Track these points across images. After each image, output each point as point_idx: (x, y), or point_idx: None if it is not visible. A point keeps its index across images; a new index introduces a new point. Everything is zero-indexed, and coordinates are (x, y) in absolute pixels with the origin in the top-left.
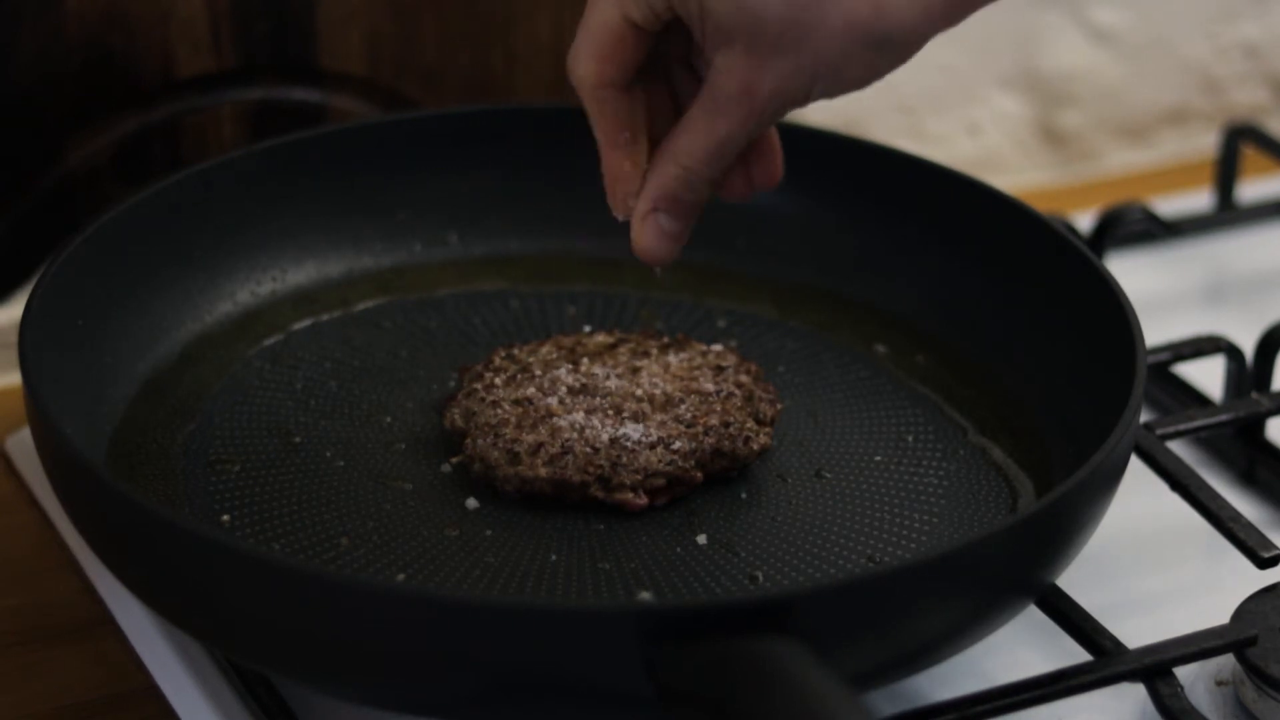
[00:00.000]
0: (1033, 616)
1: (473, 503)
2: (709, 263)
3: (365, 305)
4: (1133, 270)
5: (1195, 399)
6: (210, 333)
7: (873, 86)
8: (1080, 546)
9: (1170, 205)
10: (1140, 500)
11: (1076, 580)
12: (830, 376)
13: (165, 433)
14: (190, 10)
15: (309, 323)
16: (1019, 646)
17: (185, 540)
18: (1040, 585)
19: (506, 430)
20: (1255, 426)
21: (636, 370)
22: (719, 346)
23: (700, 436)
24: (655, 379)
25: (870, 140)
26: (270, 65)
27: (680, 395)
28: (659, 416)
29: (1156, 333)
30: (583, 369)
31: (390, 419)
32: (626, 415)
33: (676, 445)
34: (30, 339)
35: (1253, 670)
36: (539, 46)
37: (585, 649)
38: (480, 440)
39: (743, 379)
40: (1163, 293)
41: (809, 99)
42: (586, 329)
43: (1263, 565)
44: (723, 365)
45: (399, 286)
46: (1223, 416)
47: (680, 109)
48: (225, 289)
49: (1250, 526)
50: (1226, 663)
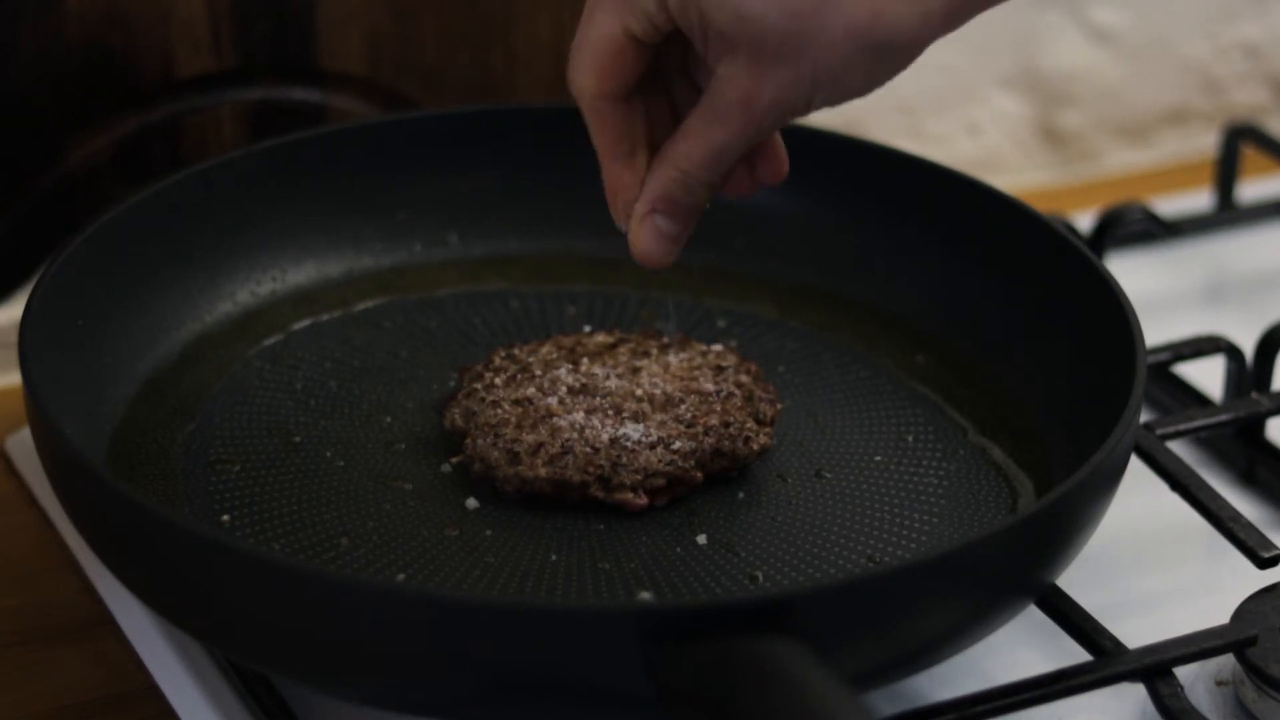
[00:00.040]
0: (1033, 616)
1: (473, 503)
2: (709, 263)
3: (365, 305)
4: (1133, 270)
5: (1195, 399)
6: (210, 333)
7: None
8: (1080, 546)
9: (1170, 205)
10: (1140, 500)
11: (1076, 580)
12: (830, 376)
13: (165, 433)
14: (190, 10)
15: (309, 323)
16: (1019, 646)
17: (185, 540)
18: (1040, 585)
19: (506, 430)
20: (1255, 426)
21: (636, 370)
22: (719, 346)
23: (700, 436)
24: (655, 379)
25: (870, 140)
26: (270, 65)
27: (680, 395)
28: (659, 416)
29: (1156, 333)
30: (583, 369)
31: (390, 419)
32: (626, 415)
33: (676, 445)
34: (30, 339)
35: (1253, 670)
36: (539, 46)
37: (585, 649)
38: (480, 440)
39: (743, 379)
40: (1163, 293)
41: (811, 107)
42: (586, 329)
43: (1263, 565)
44: (723, 365)
45: (399, 286)
46: (1223, 416)
47: (679, 118)
48: (225, 289)
49: (1250, 526)
50: (1226, 663)
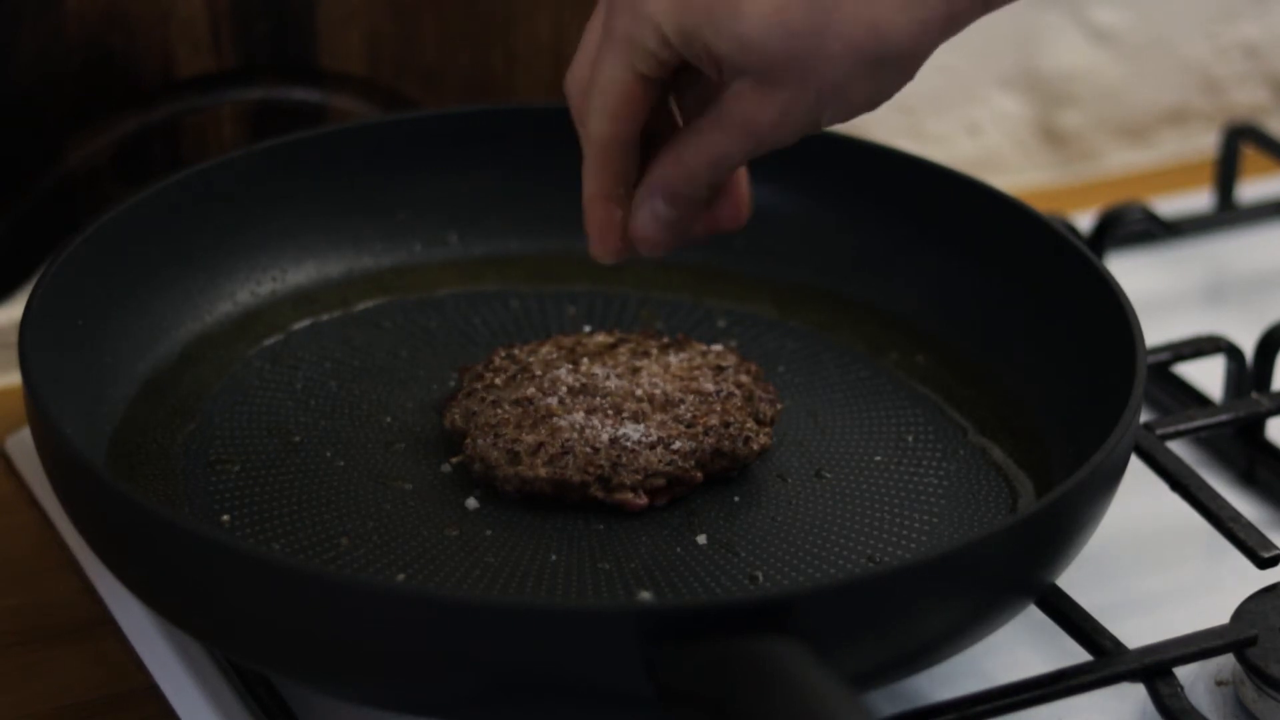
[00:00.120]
0: (1033, 616)
1: (473, 503)
2: (708, 263)
3: (365, 305)
4: (1133, 270)
5: (1195, 399)
6: (210, 333)
7: None
8: (1080, 546)
9: (1170, 205)
10: (1140, 500)
11: (1076, 580)
12: (830, 376)
13: (165, 433)
14: (190, 10)
15: (309, 323)
16: (1019, 646)
17: (185, 540)
18: (1040, 585)
19: (506, 430)
20: (1255, 426)
21: (636, 370)
22: (719, 346)
23: (700, 436)
24: (655, 379)
25: (870, 140)
26: (270, 65)
27: (680, 395)
28: (659, 416)
29: (1156, 333)
30: (583, 369)
31: (390, 419)
32: (626, 415)
33: (676, 445)
34: (30, 339)
35: (1253, 670)
36: (539, 46)
37: (585, 649)
38: (480, 440)
39: (743, 379)
40: (1163, 293)
41: (821, 124)
42: (586, 329)
43: (1263, 565)
44: (723, 365)
45: (399, 286)
46: (1223, 416)
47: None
48: (225, 289)
49: (1250, 526)
50: (1226, 663)
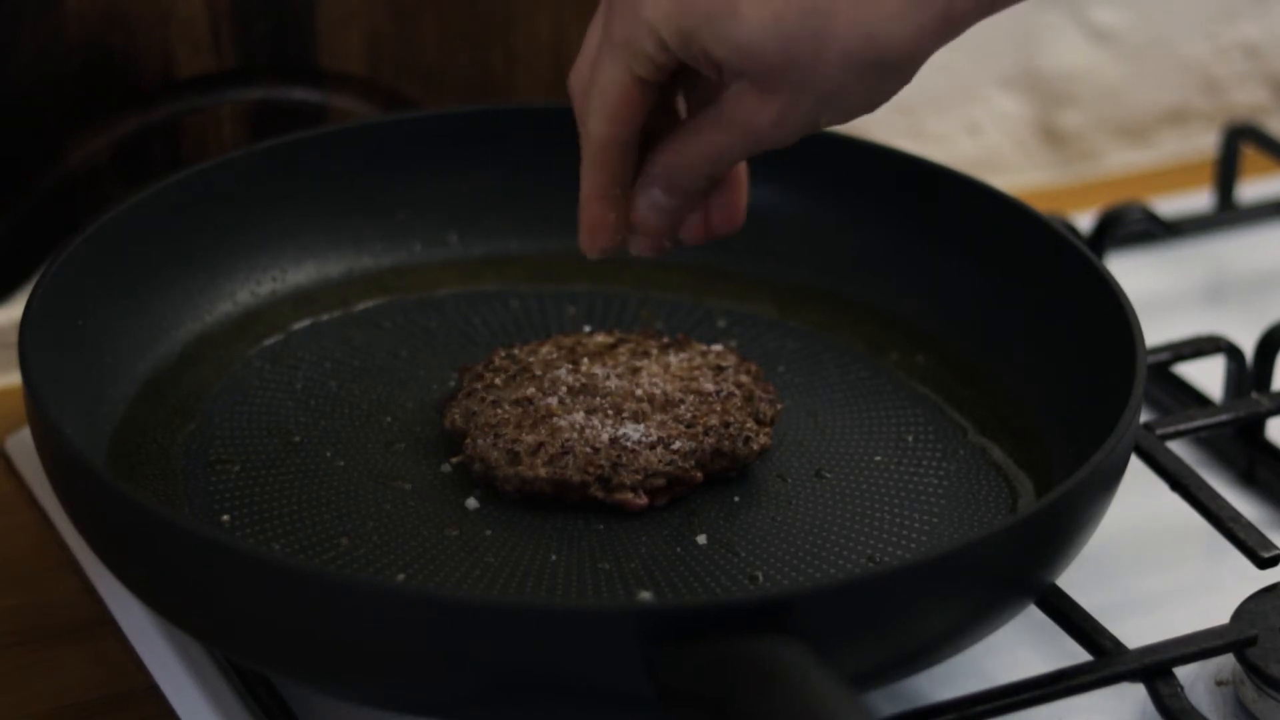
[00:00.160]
0: (1033, 616)
1: (473, 503)
2: (708, 263)
3: (365, 305)
4: (1133, 270)
5: (1195, 399)
6: (210, 333)
7: None
8: (1080, 546)
9: (1170, 205)
10: (1140, 500)
11: (1076, 580)
12: (830, 376)
13: (165, 433)
14: (190, 10)
15: (309, 323)
16: (1019, 646)
17: (185, 540)
18: (1040, 585)
19: (506, 430)
20: (1255, 426)
21: (636, 370)
22: (719, 346)
23: (700, 436)
24: (655, 379)
25: (870, 140)
26: (270, 65)
27: (680, 395)
28: (659, 416)
29: (1156, 333)
30: (583, 369)
31: (390, 419)
32: (626, 415)
33: (676, 445)
34: (30, 339)
35: (1253, 670)
36: (539, 46)
37: (585, 649)
38: (480, 440)
39: (743, 379)
40: (1163, 293)
41: (819, 125)
42: (586, 329)
43: (1263, 565)
44: (723, 365)
45: (399, 286)
46: (1223, 416)
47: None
48: (225, 289)
49: (1250, 526)
50: (1226, 663)
